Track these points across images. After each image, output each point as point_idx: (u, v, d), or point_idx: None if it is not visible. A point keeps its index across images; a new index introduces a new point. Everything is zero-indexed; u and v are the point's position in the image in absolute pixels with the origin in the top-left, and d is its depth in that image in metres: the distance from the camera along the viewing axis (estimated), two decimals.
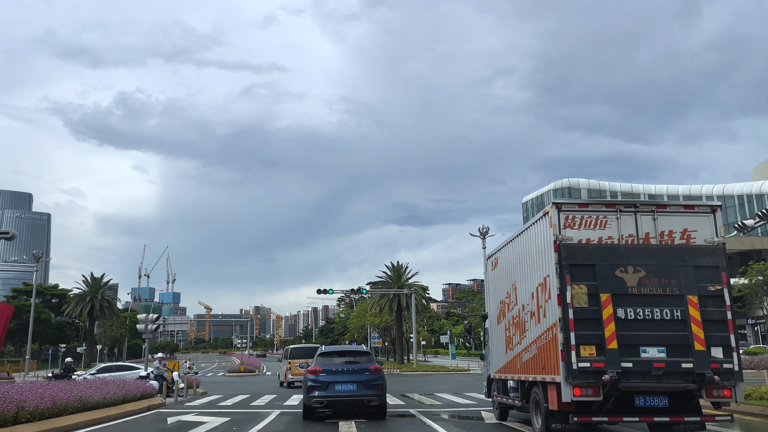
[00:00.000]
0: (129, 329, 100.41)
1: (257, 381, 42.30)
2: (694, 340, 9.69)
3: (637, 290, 9.93)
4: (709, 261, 10.18)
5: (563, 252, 10.12)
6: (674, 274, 10.00)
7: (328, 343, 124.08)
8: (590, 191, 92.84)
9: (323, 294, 54.10)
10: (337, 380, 14.82)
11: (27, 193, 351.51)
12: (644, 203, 10.74)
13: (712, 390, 9.76)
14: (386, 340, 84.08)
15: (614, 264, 10.04)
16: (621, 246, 10.29)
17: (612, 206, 10.66)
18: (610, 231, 10.44)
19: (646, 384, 9.61)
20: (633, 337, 9.73)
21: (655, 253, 10.18)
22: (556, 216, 10.51)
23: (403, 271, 63.65)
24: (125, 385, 18.34)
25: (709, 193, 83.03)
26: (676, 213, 10.70)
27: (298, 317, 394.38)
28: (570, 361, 9.66)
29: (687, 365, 9.60)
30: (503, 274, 13.90)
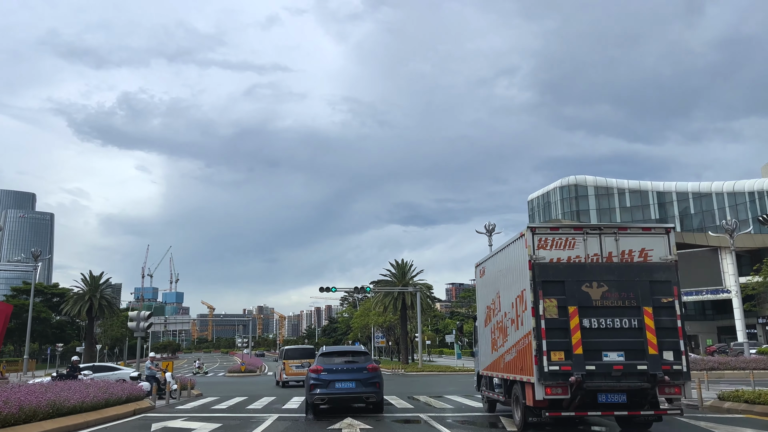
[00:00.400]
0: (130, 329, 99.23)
1: (257, 382, 40.76)
2: (649, 346, 11.12)
3: (600, 303, 11.33)
4: (663, 276, 11.60)
5: (536, 270, 11.50)
6: (632, 288, 11.41)
7: (331, 342, 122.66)
8: (597, 188, 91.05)
9: (326, 292, 52.55)
10: (338, 378, 15.78)
11: (30, 193, 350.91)
12: (608, 226, 12.12)
13: (664, 388, 11.18)
14: (390, 339, 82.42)
15: (581, 280, 11.43)
16: (587, 264, 11.65)
17: (579, 229, 12.06)
18: (578, 251, 11.75)
19: (607, 383, 11.05)
20: (596, 344, 11.12)
21: (617, 270, 11.58)
22: (530, 238, 11.75)
23: (407, 269, 62.03)
24: (109, 388, 16.76)
25: (719, 190, 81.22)
26: (635, 234, 12.03)
27: (302, 317, 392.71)
28: (542, 364, 11.07)
29: (642, 367, 11.02)
30: (489, 282, 15.32)
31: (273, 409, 18.51)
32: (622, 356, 11.12)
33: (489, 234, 55.20)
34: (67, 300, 71.74)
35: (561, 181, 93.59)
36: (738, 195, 79.57)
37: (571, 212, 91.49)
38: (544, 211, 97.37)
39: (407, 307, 60.17)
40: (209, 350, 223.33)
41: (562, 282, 11.45)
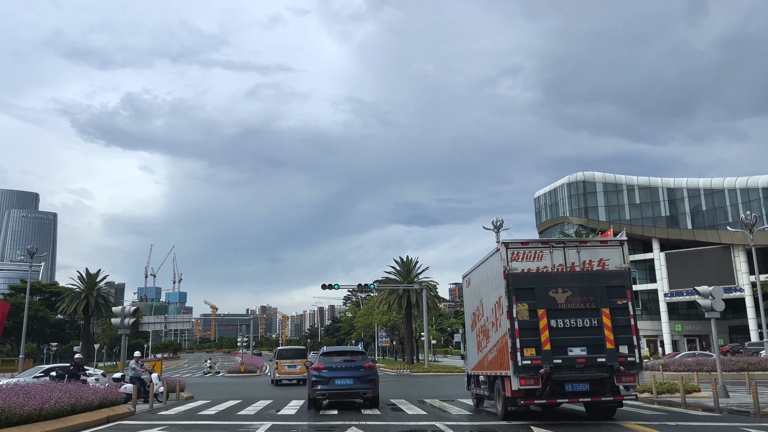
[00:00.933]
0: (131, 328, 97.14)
1: (256, 383, 38.56)
2: (606, 341, 12.69)
3: (565, 306, 12.89)
4: (618, 282, 13.21)
5: (510, 279, 13.12)
6: (592, 292, 13.00)
7: (333, 342, 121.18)
8: (606, 185, 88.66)
9: (328, 289, 50.33)
10: (337, 376, 17.20)
11: (33, 193, 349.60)
12: (571, 240, 13.89)
13: (621, 377, 12.68)
14: (394, 339, 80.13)
15: (548, 287, 12.98)
16: (553, 273, 13.23)
17: (546, 243, 13.69)
18: (545, 262, 13.34)
19: (572, 374, 12.58)
20: (562, 341, 12.67)
21: (579, 278, 13.16)
22: (505, 252, 13.38)
23: (412, 266, 59.79)
24: (78, 391, 14.53)
25: (731, 186, 78.81)
26: (594, 247, 13.71)
27: (304, 317, 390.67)
28: (516, 359, 12.60)
29: (601, 360, 12.59)
30: (474, 291, 16.84)
31: (267, 416, 16.29)
32: (585, 351, 12.77)
33: (497, 230, 53.12)
34: (63, 298, 69.61)
35: (569, 178, 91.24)
36: (751, 191, 77.12)
37: (579, 209, 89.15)
38: (552, 208, 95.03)
39: (412, 305, 57.97)
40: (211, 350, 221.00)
41: (532, 289, 13.14)
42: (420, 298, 56.92)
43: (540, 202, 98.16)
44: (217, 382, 40.53)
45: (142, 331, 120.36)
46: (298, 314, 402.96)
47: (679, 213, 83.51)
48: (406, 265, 59.61)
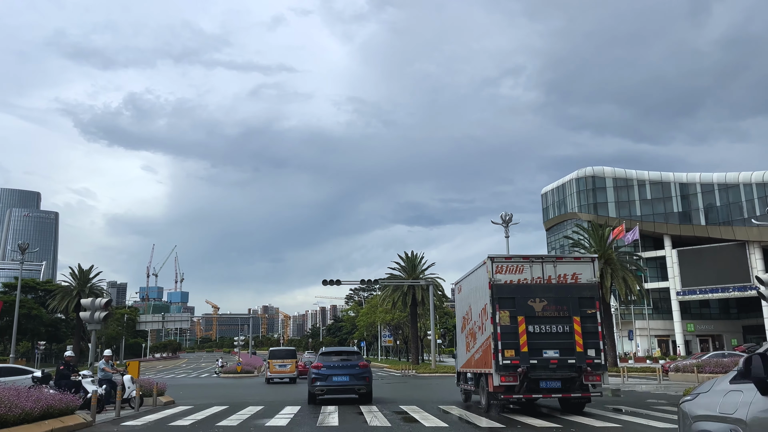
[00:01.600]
0: (127, 327, 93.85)
1: (250, 384, 35.58)
2: (576, 345, 14.49)
3: (541, 314, 14.67)
4: (588, 293, 15.05)
5: (494, 289, 14.91)
6: (565, 302, 14.82)
7: (336, 342, 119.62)
8: (616, 180, 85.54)
9: (330, 285, 47.29)
10: (334, 373, 18.62)
11: (35, 192, 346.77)
12: (548, 257, 15.57)
13: (588, 376, 14.44)
14: (398, 338, 76.98)
15: (527, 296, 14.80)
16: (532, 285, 15.01)
17: (527, 258, 15.39)
18: (525, 275, 15.12)
19: (546, 373, 14.34)
20: (538, 344, 14.44)
21: (554, 289, 14.97)
22: (490, 266, 15.16)
23: (418, 261, 56.72)
24: (14, 397, 11.48)
25: (747, 181, 75.65)
26: (569, 262, 15.55)
27: (306, 317, 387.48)
28: (498, 359, 14.39)
29: (571, 361, 14.35)
30: (464, 298, 18.39)
31: (252, 426, 13.29)
32: (557, 353, 14.19)
33: (505, 225, 50.37)
34: (54, 295, 66.58)
35: (577, 173, 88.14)
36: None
37: (588, 205, 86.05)
38: (560, 205, 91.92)
39: (417, 303, 54.92)
40: (212, 349, 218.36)
41: (513, 298, 14.59)
42: (426, 296, 53.88)
43: (547, 198, 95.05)
44: (209, 384, 37.57)
45: (140, 330, 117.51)
46: (300, 314, 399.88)
47: (692, 209, 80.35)
48: (411, 261, 56.57)
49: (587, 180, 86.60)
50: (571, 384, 14.44)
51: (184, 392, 28.05)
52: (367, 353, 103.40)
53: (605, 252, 44.74)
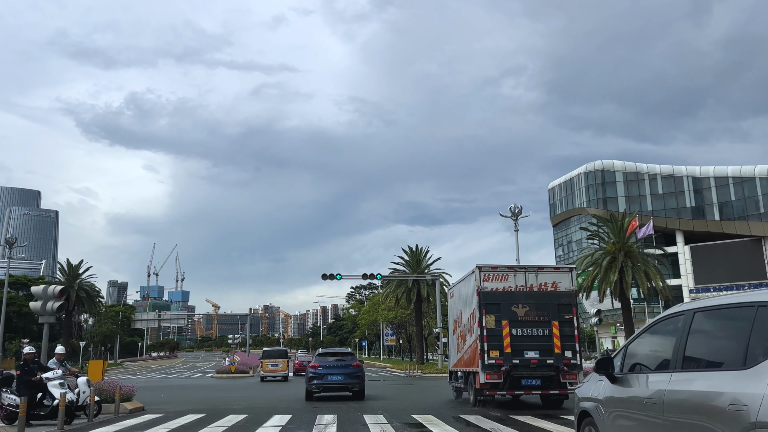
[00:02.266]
0: (122, 325, 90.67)
1: (242, 386, 32.37)
2: (555, 347, 15.71)
3: (524, 318, 15.88)
4: (566, 300, 16.32)
5: (482, 296, 16.16)
6: (545, 308, 16.09)
7: (336, 341, 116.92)
8: (626, 173, 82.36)
9: (329, 279, 44.09)
10: (330, 372, 20.12)
11: (35, 191, 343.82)
12: (530, 267, 16.90)
13: (565, 375, 15.64)
14: (401, 337, 73.62)
15: (511, 303, 16.07)
16: (515, 292, 16.29)
17: (511, 268, 16.80)
18: (510, 283, 16.42)
19: (527, 372, 15.56)
20: (520, 345, 15.64)
21: (535, 296, 16.25)
22: (478, 274, 16.47)
23: (422, 256, 53.45)
24: None
25: (763, 174, 72.47)
26: (549, 272, 16.82)
27: (307, 316, 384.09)
28: (484, 359, 15.56)
29: (550, 361, 15.57)
30: (455, 302, 20.27)
31: None
32: (538, 354, 15.68)
33: (515, 218, 47.27)
34: None
35: (586, 167, 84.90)
36: None
37: (598, 200, 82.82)
38: (567, 199, 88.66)
39: (422, 299, 51.67)
40: (210, 349, 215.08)
41: (498, 304, 16.11)
42: (431, 292, 50.63)
43: (555, 193, 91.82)
44: (196, 385, 34.35)
45: (136, 329, 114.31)
46: (301, 314, 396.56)
47: (706, 203, 77.08)
48: (416, 255, 53.31)
49: (596, 174, 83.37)
50: (549, 382, 15.70)
51: (166, 395, 24.94)
52: (368, 353, 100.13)
53: (625, 244, 41.54)
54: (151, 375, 52.15)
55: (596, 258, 42.10)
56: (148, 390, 27.73)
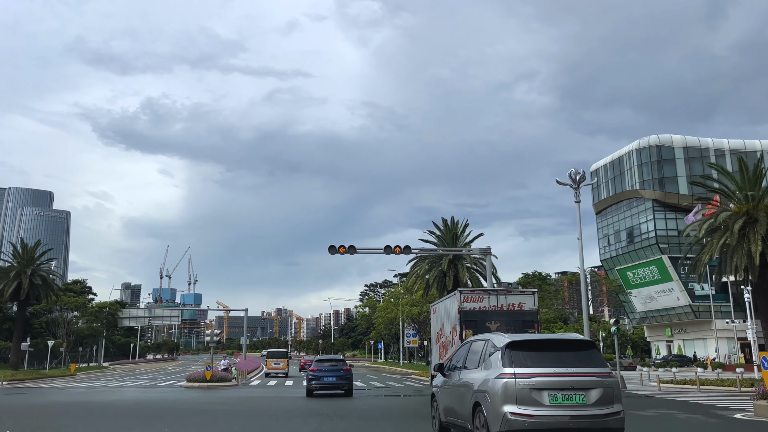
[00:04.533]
0: (107, 323, 78.35)
1: (204, 405, 19.55)
2: None
3: (496, 332, 15.85)
4: (530, 317, 19.85)
5: (462, 314, 19.56)
6: (513, 324, 19.13)
7: (349, 343, 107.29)
8: (687, 149, 68.99)
9: (338, 253, 31.15)
10: (325, 375, 23.75)
11: (48, 191, 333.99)
12: (501, 290, 21.23)
13: None
14: (425, 338, 60.25)
15: (485, 319, 19.21)
16: (489, 310, 19.64)
17: (486, 291, 20.53)
18: (485, 303, 19.80)
19: None
20: None
21: (505, 314, 19.55)
22: (459, 296, 19.87)
23: (460, 230, 40.49)
24: None
25: None
26: (516, 294, 20.48)
27: (320, 319, 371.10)
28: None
29: None
30: (438, 318, 23.46)
31: None
32: None
33: (576, 186, 34.91)
34: None
35: (639, 143, 71.50)
36: None
37: (653, 180, 69.39)
38: (615, 181, 75.14)
39: (461, 285, 38.68)
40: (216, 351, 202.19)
41: (475, 320, 19.15)
42: (473, 277, 37.71)
43: (598, 175, 78.35)
44: (132, 404, 21.60)
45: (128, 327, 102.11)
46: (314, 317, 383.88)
47: None
48: (451, 230, 40.32)
49: (651, 151, 70.01)
50: None
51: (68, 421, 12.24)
52: (385, 356, 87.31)
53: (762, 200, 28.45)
54: (110, 382, 39.61)
55: (720, 222, 28.88)
56: (30, 417, 15.38)
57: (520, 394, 8.20)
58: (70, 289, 77.84)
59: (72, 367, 55.24)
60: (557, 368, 8.37)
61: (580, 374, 8.38)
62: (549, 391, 8.22)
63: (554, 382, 8.26)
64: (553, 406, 8.16)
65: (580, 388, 8.30)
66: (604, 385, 8.39)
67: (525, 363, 8.45)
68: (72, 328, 68.53)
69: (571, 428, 8.18)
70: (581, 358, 8.72)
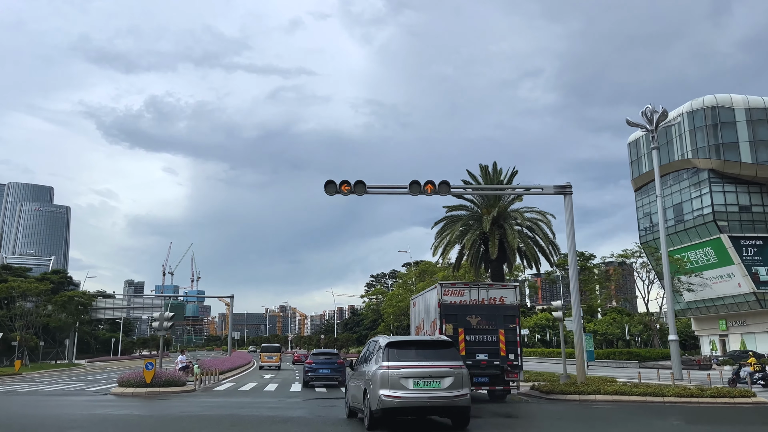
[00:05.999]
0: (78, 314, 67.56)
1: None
2: (501, 351, 18.01)
3: (476, 326, 18.12)
4: (511, 312, 18.69)
5: (442, 307, 18.30)
6: (494, 318, 18.34)
7: (354, 338, 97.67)
8: (750, 110, 57.88)
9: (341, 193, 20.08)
10: (320, 367, 25.43)
11: (48, 187, 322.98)
12: (482, 284, 20.21)
13: (508, 374, 18.05)
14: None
15: (466, 313, 18.24)
16: (470, 305, 18.44)
17: (467, 284, 19.13)
18: (465, 297, 18.58)
19: (478, 371, 17.43)
20: (473, 349, 17.83)
21: (486, 309, 18.46)
22: (439, 290, 18.70)
23: (506, 178, 29.38)
24: None
25: None
26: (498, 288, 19.26)
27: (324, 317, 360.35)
28: None
29: (496, 362, 17.88)
30: (418, 311, 22.33)
31: None
32: (487, 356, 17.82)
33: (653, 128, 26.71)
34: None
35: (691, 105, 60.32)
36: None
37: (709, 147, 58.22)
38: (662, 150, 63.95)
39: (508, 251, 27.72)
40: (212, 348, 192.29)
41: (456, 314, 18.18)
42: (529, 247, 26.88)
43: (639, 146, 67.27)
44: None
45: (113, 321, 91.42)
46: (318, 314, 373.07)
47: None
48: (494, 180, 29.17)
49: (706, 113, 58.88)
50: (496, 380, 17.89)
51: None
52: None
53: None
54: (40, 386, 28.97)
55: None
56: None
57: (391, 381, 10.87)
58: (20, 275, 67.08)
59: (17, 364, 44.53)
60: (420, 362, 11.15)
61: (437, 366, 11.12)
62: (413, 378, 10.91)
63: (417, 372, 10.96)
64: (416, 390, 10.87)
65: (437, 377, 10.99)
66: (455, 375, 11.10)
67: (398, 358, 11.18)
68: (33, 320, 57.69)
69: (428, 406, 11.03)
70: (440, 354, 11.52)
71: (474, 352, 17.59)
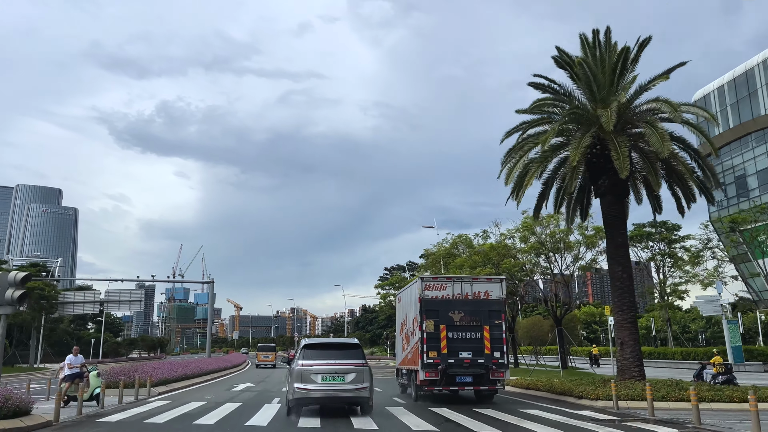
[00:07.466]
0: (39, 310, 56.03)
1: None
2: (485, 349, 16.44)
3: (459, 323, 16.51)
4: (496, 307, 16.94)
5: (423, 303, 16.75)
6: (478, 314, 16.70)
7: (366, 338, 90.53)
8: None
9: None
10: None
11: (56, 189, 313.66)
12: (466, 277, 17.81)
13: (494, 373, 16.36)
14: None
15: (448, 309, 16.68)
16: (452, 299, 16.84)
17: (450, 278, 17.41)
18: (448, 291, 16.96)
19: (461, 370, 16.27)
20: (455, 347, 16.40)
21: (469, 304, 16.82)
22: (420, 284, 17.04)
23: (631, 61, 17.20)
24: None
25: None
26: (482, 282, 17.42)
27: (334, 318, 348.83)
28: (423, 359, 16.24)
29: (481, 361, 16.32)
30: (402, 307, 20.91)
31: None
32: (470, 354, 16.34)
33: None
34: None
35: (765, 53, 48.31)
36: None
37: None
38: (735, 108, 51.78)
39: (646, 172, 15.46)
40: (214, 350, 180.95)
41: (437, 310, 16.69)
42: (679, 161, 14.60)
43: (708, 104, 55.14)
44: None
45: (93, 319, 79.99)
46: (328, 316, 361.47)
47: None
48: (607, 62, 16.99)
49: None
50: (480, 379, 16.33)
51: None
52: None
53: None
54: None
55: None
56: None
57: (304, 376, 12.71)
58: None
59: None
60: (328, 360, 13.00)
61: (342, 364, 12.96)
62: (321, 374, 12.75)
63: (324, 369, 12.78)
64: (324, 383, 12.70)
65: (341, 373, 12.80)
66: (357, 371, 12.86)
67: (311, 357, 13.10)
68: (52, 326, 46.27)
69: (332, 396, 12.84)
70: (347, 354, 13.39)
71: (456, 350, 16.46)
